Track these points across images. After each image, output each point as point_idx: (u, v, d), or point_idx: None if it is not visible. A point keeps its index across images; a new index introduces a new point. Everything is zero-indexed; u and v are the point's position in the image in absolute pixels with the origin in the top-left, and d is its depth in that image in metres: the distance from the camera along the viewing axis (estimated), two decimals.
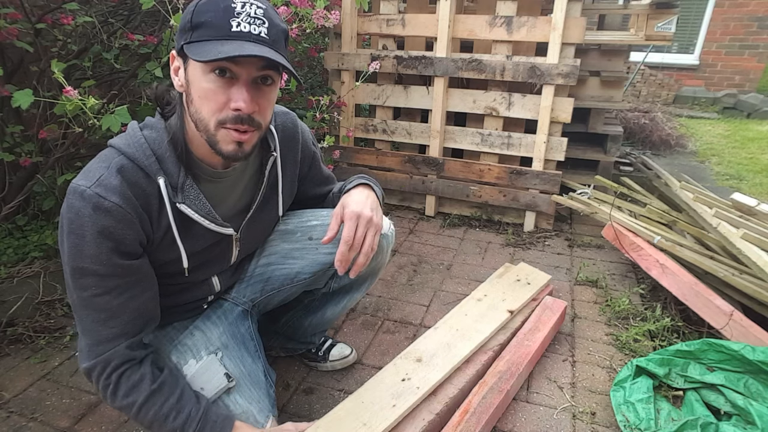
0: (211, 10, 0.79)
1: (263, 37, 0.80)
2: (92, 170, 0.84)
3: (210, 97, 0.81)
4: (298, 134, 1.13)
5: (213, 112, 0.82)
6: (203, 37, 0.79)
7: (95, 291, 0.85)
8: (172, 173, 0.89)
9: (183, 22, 0.82)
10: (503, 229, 2.51)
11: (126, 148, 0.86)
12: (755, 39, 6.25)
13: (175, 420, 0.89)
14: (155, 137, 0.89)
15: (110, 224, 0.82)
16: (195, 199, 0.92)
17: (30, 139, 1.84)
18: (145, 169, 0.86)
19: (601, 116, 2.93)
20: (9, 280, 1.79)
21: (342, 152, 2.67)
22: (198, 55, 0.77)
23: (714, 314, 1.53)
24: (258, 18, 0.80)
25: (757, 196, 2.53)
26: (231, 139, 0.84)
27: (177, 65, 0.86)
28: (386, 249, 1.22)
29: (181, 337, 1.06)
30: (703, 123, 5.46)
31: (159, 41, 1.69)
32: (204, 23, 0.79)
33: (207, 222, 0.94)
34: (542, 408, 1.32)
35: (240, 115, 0.82)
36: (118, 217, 0.82)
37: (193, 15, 0.80)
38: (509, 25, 2.25)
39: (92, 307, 0.86)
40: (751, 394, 1.23)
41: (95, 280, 0.84)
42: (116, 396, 0.88)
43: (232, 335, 1.10)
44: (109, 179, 0.83)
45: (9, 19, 1.54)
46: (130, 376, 0.89)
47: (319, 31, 2.74)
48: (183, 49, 0.81)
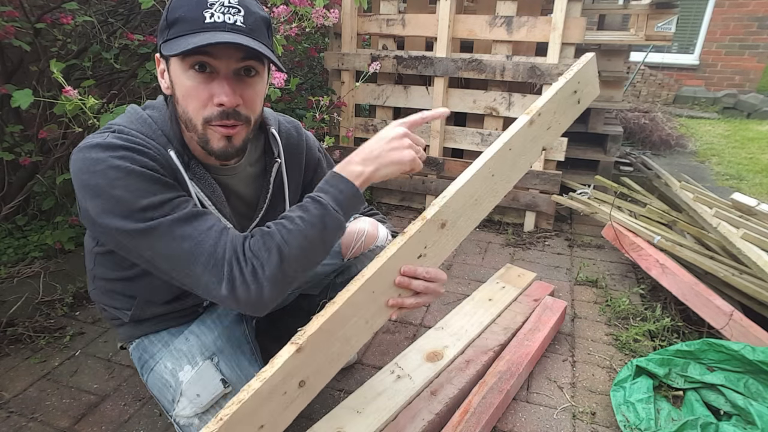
0: (185, 4, 0.77)
1: (239, 25, 0.78)
2: (96, 134, 0.80)
3: (192, 95, 0.79)
4: (303, 142, 1.12)
5: (197, 109, 0.80)
6: (178, 32, 0.77)
7: (168, 218, 0.76)
8: (180, 151, 0.86)
9: (161, 22, 0.80)
10: (503, 229, 2.51)
11: (129, 124, 0.84)
12: (755, 39, 6.26)
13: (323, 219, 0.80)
14: (159, 116, 0.87)
15: (146, 160, 0.78)
16: (202, 179, 0.89)
17: (30, 138, 1.84)
18: (155, 140, 0.83)
19: (601, 116, 2.93)
20: (9, 280, 1.79)
21: (342, 152, 2.67)
22: (170, 50, 0.75)
23: (714, 314, 1.53)
24: (232, 6, 0.78)
25: (757, 196, 2.53)
26: (220, 134, 0.82)
27: (162, 67, 0.85)
28: None
29: (176, 342, 1.04)
30: (703, 123, 5.46)
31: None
32: (178, 19, 0.77)
33: (212, 206, 0.92)
34: (542, 408, 1.32)
35: (225, 110, 0.80)
36: (150, 156, 0.79)
37: (168, 12, 0.78)
38: (509, 25, 2.25)
39: (178, 223, 0.76)
40: (751, 394, 1.23)
41: (161, 210, 0.76)
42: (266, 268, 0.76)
43: (228, 339, 1.09)
44: (122, 132, 0.80)
45: (6, 17, 1.54)
46: (256, 243, 0.78)
47: (319, 30, 2.74)
48: (162, 49, 0.79)
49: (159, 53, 0.83)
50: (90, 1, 1.89)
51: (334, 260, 1.16)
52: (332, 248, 0.87)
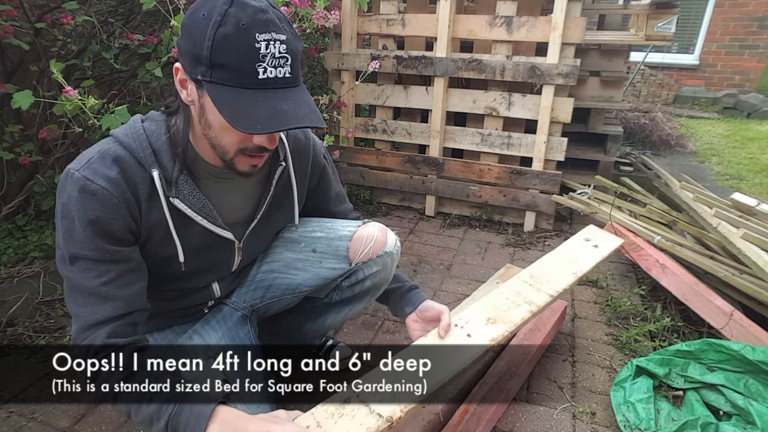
0: (233, 50, 0.74)
1: (287, 77, 0.77)
2: (85, 155, 0.85)
3: (233, 132, 0.81)
4: (310, 147, 1.12)
5: (234, 143, 0.82)
6: (227, 81, 0.75)
7: (84, 275, 0.84)
8: (167, 167, 0.88)
9: (196, 50, 0.75)
10: (503, 229, 2.51)
11: (123, 137, 0.86)
12: (755, 39, 6.25)
13: (149, 407, 0.83)
14: (154, 129, 0.88)
15: (96, 208, 0.82)
16: (189, 195, 0.91)
17: (30, 138, 1.84)
18: (139, 160, 0.86)
19: (601, 116, 2.93)
20: (9, 280, 1.79)
21: (342, 152, 2.67)
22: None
23: (714, 314, 1.53)
24: (282, 57, 0.76)
25: (757, 196, 2.53)
26: (249, 163, 0.86)
27: (183, 78, 0.82)
28: (391, 265, 1.21)
29: (180, 341, 1.05)
30: (703, 123, 5.46)
31: (159, 41, 1.69)
32: (227, 66, 0.74)
33: (201, 219, 0.93)
34: (542, 408, 1.32)
35: (263, 147, 0.83)
36: (104, 201, 0.82)
37: (212, 51, 0.74)
38: (509, 25, 2.25)
39: (80, 291, 0.85)
40: (751, 394, 1.23)
41: (85, 265, 0.84)
42: (95, 381, 0.85)
43: (231, 340, 1.10)
44: (98, 163, 0.83)
45: (5, 16, 1.53)
46: (108, 361, 0.84)
47: (319, 31, 2.74)
48: (201, 83, 0.77)
49: (187, 74, 0.80)
50: (90, 1, 1.88)
51: (342, 264, 1.16)
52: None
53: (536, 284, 1.27)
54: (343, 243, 1.14)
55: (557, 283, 1.28)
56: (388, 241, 1.18)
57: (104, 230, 0.83)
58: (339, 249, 1.15)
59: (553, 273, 1.32)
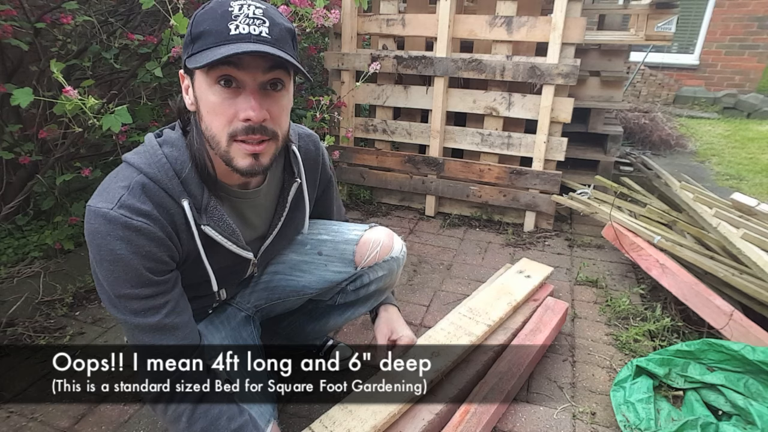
0: (209, 18, 0.77)
1: (264, 36, 0.76)
2: (111, 190, 0.80)
3: (218, 111, 0.78)
4: (320, 157, 1.12)
5: (222, 125, 0.79)
6: (203, 46, 0.76)
7: (132, 321, 0.83)
8: (196, 195, 0.87)
9: (185, 37, 0.80)
10: (503, 229, 2.51)
11: (147, 168, 0.83)
12: (755, 39, 6.25)
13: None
14: (177, 156, 0.86)
15: (143, 243, 0.80)
16: (219, 221, 0.90)
17: (30, 138, 1.84)
18: (168, 191, 0.83)
19: (601, 116, 2.93)
20: (9, 280, 1.79)
21: (342, 152, 2.67)
22: (195, 62, 0.75)
23: (714, 314, 1.53)
24: (257, 18, 0.77)
25: (757, 196, 2.53)
26: (245, 152, 0.81)
27: (186, 84, 0.84)
28: (396, 270, 1.22)
29: None
30: (703, 123, 5.46)
31: (159, 41, 1.69)
32: (203, 32, 0.76)
33: (230, 244, 0.93)
34: (542, 408, 1.32)
35: (251, 125, 0.79)
36: (150, 236, 0.80)
37: (193, 26, 0.78)
38: (509, 25, 2.25)
39: (143, 329, 0.84)
40: (751, 394, 1.23)
41: (141, 304, 0.82)
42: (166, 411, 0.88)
43: (234, 340, 1.10)
44: (132, 199, 0.80)
45: (4, 16, 1.53)
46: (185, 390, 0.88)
47: (319, 30, 2.74)
48: (187, 67, 0.79)
49: (183, 68, 0.82)
50: (90, 1, 1.89)
51: (348, 268, 1.16)
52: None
53: (475, 317, 1.43)
54: (349, 247, 1.15)
55: (494, 313, 1.45)
56: (395, 246, 1.19)
57: (153, 264, 0.82)
58: (345, 252, 1.15)
59: (491, 305, 1.49)
